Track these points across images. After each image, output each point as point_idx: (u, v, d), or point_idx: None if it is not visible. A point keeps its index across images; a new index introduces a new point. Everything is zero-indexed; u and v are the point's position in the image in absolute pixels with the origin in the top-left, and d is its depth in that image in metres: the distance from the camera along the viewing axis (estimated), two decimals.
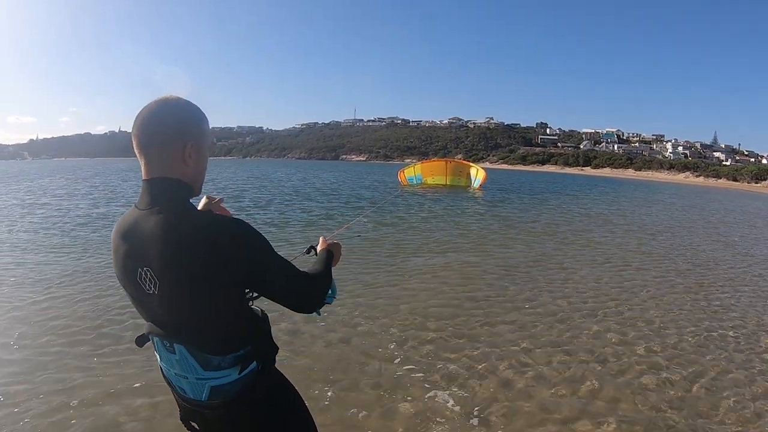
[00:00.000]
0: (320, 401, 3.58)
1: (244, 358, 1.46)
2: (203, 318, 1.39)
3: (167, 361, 1.48)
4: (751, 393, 3.96)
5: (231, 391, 1.46)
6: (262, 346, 1.54)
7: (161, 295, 1.36)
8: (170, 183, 1.39)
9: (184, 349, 1.41)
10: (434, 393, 3.78)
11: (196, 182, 1.48)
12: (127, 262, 1.40)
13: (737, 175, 72.98)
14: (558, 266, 8.42)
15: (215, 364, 1.43)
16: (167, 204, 1.37)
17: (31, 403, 3.45)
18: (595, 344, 4.90)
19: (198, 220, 1.35)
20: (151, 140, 1.38)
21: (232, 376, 1.45)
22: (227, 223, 1.36)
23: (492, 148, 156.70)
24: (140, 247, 1.36)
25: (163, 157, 1.39)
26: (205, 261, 1.29)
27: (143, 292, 1.39)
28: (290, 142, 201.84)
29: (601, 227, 14.24)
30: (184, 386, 1.50)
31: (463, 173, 30.43)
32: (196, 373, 1.44)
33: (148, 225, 1.35)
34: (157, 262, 1.33)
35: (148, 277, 1.35)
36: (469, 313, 5.73)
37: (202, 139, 1.45)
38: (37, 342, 4.58)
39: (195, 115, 1.45)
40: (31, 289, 6.25)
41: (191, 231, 1.31)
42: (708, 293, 7.05)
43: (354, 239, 9.67)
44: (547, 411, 3.62)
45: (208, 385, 1.45)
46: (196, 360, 1.42)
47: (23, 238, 9.80)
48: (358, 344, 4.72)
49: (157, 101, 1.41)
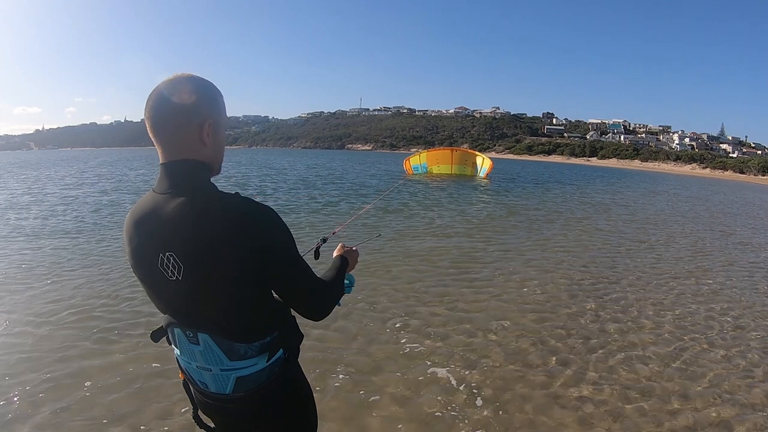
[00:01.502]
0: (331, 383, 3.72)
1: (270, 346, 1.42)
2: (229, 303, 1.33)
3: (188, 353, 1.41)
4: (731, 366, 4.23)
5: (257, 381, 1.41)
6: (289, 333, 1.49)
7: (186, 281, 1.29)
8: (190, 165, 1.33)
9: (209, 338, 1.35)
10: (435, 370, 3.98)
11: (216, 162, 1.41)
12: (145, 249, 1.33)
13: (744, 167, 72.51)
14: (556, 249, 8.67)
15: (241, 352, 1.37)
16: (190, 186, 1.31)
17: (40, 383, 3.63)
18: (582, 323, 5.15)
19: (226, 202, 1.28)
20: (166, 122, 1.31)
21: (260, 365, 1.40)
22: (258, 208, 1.30)
23: (498, 138, 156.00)
24: (162, 231, 1.29)
25: (179, 139, 1.31)
26: (233, 243, 1.24)
27: (165, 279, 1.31)
28: (296, 132, 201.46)
29: (601, 214, 14.43)
30: (206, 380, 1.42)
31: (469, 162, 30.23)
32: (221, 364, 1.37)
33: (169, 208, 1.29)
34: (181, 247, 1.27)
35: (171, 262, 1.28)
36: (460, 292, 6.00)
37: (219, 117, 1.38)
38: (54, 319, 4.86)
39: (210, 91, 1.36)
40: (46, 271, 6.56)
41: (219, 213, 1.26)
42: (700, 278, 7.28)
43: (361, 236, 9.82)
44: (533, 384, 3.87)
45: (234, 376, 1.39)
46: (221, 349, 1.35)
47: (37, 225, 10.10)
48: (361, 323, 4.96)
49: (169, 80, 1.33)
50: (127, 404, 3.34)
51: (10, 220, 10.66)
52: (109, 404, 3.34)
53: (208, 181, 1.36)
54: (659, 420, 3.35)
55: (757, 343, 4.81)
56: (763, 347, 4.71)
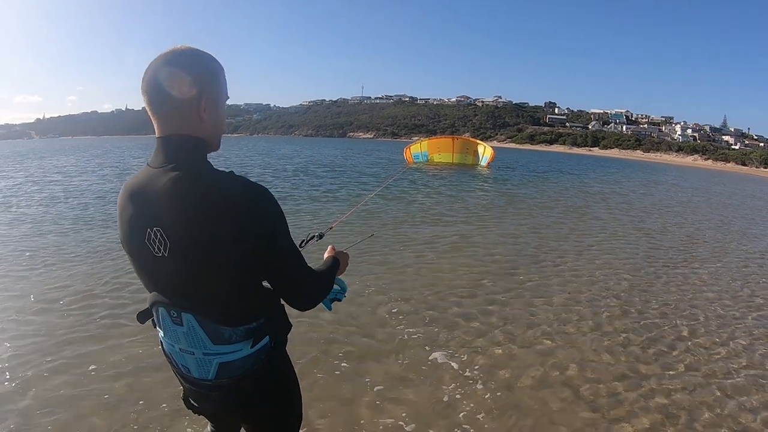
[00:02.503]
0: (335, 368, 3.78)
1: (256, 332, 1.38)
2: (215, 284, 1.29)
3: (172, 335, 1.38)
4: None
5: (241, 368, 1.37)
6: (277, 321, 1.46)
7: (172, 258, 1.26)
8: (186, 140, 1.30)
9: (193, 319, 1.31)
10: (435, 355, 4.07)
11: (214, 138, 1.38)
12: (135, 222, 1.31)
13: (746, 159, 72.42)
14: (554, 237, 8.81)
15: (226, 336, 1.33)
16: (184, 161, 1.27)
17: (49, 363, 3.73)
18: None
19: (219, 178, 1.26)
20: (163, 96, 1.27)
21: (244, 351, 1.36)
22: (251, 186, 1.27)
23: (500, 127, 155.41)
24: (151, 206, 1.26)
25: (176, 114, 1.28)
26: (223, 222, 1.20)
27: (151, 255, 1.29)
28: (297, 120, 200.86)
29: (599, 204, 14.53)
30: (188, 364, 1.39)
31: (470, 151, 30.10)
32: (204, 347, 1.34)
33: (161, 183, 1.25)
34: (169, 222, 1.24)
35: (158, 238, 1.26)
36: (458, 278, 6.15)
37: (218, 92, 1.35)
38: (58, 305, 5.00)
39: (209, 66, 1.33)
40: (50, 258, 6.73)
41: (210, 189, 1.23)
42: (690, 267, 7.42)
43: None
44: (520, 362, 4.04)
45: (216, 361, 1.35)
46: (205, 331, 1.32)
47: (41, 212, 10.20)
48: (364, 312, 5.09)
49: (167, 53, 1.29)
50: (133, 386, 3.41)
51: (13, 208, 10.77)
52: (116, 386, 3.41)
53: (204, 157, 1.33)
54: (645, 406, 3.50)
55: (742, 331, 4.94)
56: (746, 335, 4.86)
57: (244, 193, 1.24)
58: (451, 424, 3.16)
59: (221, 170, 1.30)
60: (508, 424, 3.17)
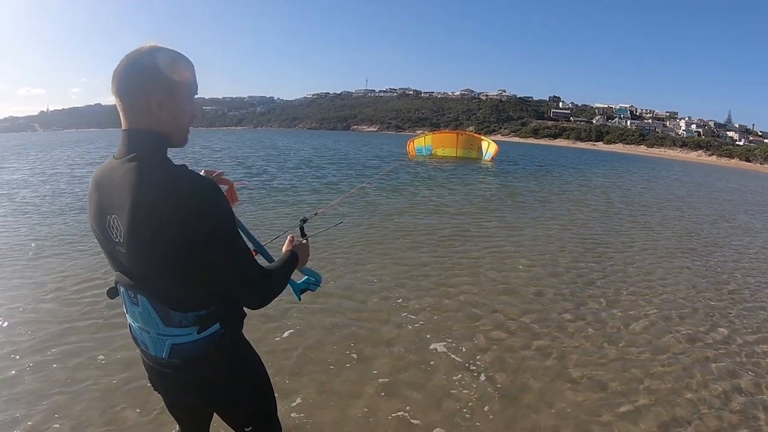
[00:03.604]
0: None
1: (205, 319, 1.44)
2: (165, 271, 1.35)
3: (131, 313, 1.48)
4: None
5: (192, 351, 1.45)
6: (227, 309, 1.50)
7: (126, 244, 1.35)
8: (144, 134, 1.37)
9: (147, 302, 1.40)
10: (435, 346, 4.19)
11: (174, 134, 1.43)
12: (98, 209, 1.40)
13: (750, 155, 71.93)
14: (553, 227, 9.05)
15: (176, 320, 1.41)
16: (142, 154, 1.35)
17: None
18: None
19: (171, 172, 1.33)
20: (126, 92, 1.36)
21: (192, 336, 1.43)
22: (200, 182, 1.32)
23: (504, 121, 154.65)
24: (111, 194, 1.35)
25: (135, 108, 1.36)
26: (169, 215, 1.26)
27: (111, 240, 1.39)
28: (301, 113, 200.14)
29: (599, 197, 14.75)
30: (146, 341, 1.49)
31: (474, 146, 30.32)
32: (157, 327, 1.43)
33: (120, 173, 1.34)
34: (124, 210, 1.31)
35: (115, 224, 1.35)
36: (457, 268, 6.44)
37: (177, 88, 1.39)
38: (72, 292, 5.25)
39: (171, 62, 1.37)
40: (58, 246, 7.05)
41: (160, 182, 1.30)
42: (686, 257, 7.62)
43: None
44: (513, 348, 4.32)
45: (169, 342, 1.44)
46: (157, 314, 1.41)
47: (48, 202, 10.50)
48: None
49: (131, 52, 1.37)
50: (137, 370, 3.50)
51: (16, 198, 11.07)
52: (119, 368, 3.58)
53: (163, 151, 1.40)
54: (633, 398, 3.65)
55: (725, 322, 5.14)
56: (729, 325, 5.08)
57: (191, 188, 1.29)
58: (453, 414, 3.22)
59: (176, 164, 1.37)
60: (511, 415, 3.25)
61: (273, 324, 4.39)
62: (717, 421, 3.27)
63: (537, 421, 3.19)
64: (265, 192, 12.80)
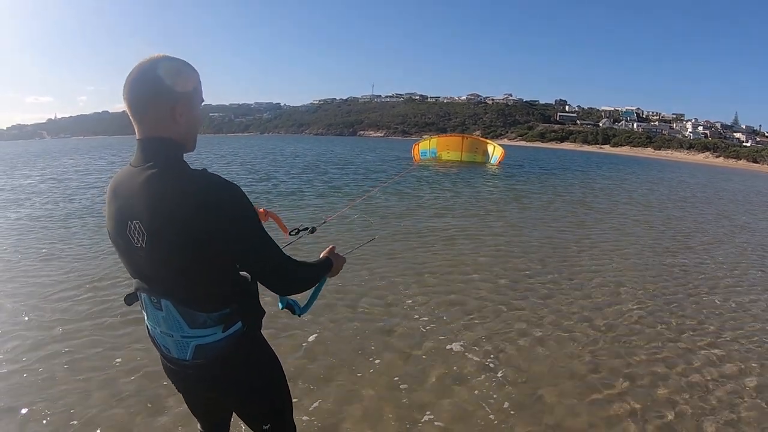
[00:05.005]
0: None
1: (229, 317, 1.49)
2: (189, 273, 1.40)
3: (153, 318, 1.51)
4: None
5: (215, 349, 1.49)
6: (248, 307, 1.57)
7: (149, 249, 1.38)
8: (162, 141, 1.41)
9: (171, 305, 1.44)
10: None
11: (188, 140, 1.49)
12: (118, 215, 1.43)
13: (757, 156, 71.33)
14: (554, 228, 9.28)
15: (201, 321, 1.45)
16: (160, 160, 1.39)
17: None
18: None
19: (191, 175, 1.37)
20: (140, 102, 1.39)
21: (217, 335, 1.48)
22: (220, 183, 1.37)
23: (510, 125, 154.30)
24: (131, 200, 1.38)
25: (153, 118, 1.40)
26: (193, 217, 1.31)
27: (132, 245, 1.41)
28: (308, 118, 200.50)
29: (604, 199, 14.88)
30: (169, 345, 1.53)
31: (479, 150, 30.18)
32: (181, 330, 1.46)
33: (140, 180, 1.37)
34: (146, 215, 1.35)
35: (137, 229, 1.37)
36: (465, 269, 6.76)
37: (191, 98, 1.45)
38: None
39: (183, 71, 1.42)
40: (67, 248, 7.21)
41: (182, 185, 1.34)
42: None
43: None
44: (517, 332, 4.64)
45: (193, 343, 1.48)
46: (182, 316, 1.45)
47: (61, 207, 10.80)
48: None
49: (144, 62, 1.40)
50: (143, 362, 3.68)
51: (28, 203, 11.32)
52: (126, 363, 3.70)
53: (179, 157, 1.44)
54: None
55: (715, 316, 5.33)
56: (720, 320, 5.23)
57: (213, 189, 1.35)
58: (474, 414, 3.23)
59: (195, 169, 1.42)
60: (531, 414, 3.26)
61: (292, 332, 4.36)
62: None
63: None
64: (271, 196, 13.00)
